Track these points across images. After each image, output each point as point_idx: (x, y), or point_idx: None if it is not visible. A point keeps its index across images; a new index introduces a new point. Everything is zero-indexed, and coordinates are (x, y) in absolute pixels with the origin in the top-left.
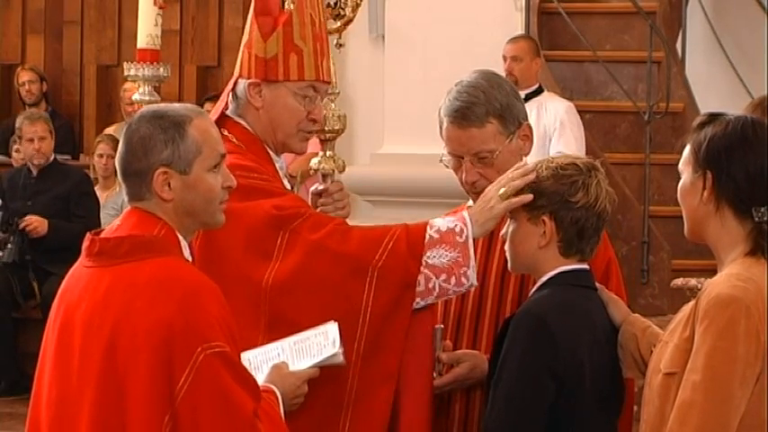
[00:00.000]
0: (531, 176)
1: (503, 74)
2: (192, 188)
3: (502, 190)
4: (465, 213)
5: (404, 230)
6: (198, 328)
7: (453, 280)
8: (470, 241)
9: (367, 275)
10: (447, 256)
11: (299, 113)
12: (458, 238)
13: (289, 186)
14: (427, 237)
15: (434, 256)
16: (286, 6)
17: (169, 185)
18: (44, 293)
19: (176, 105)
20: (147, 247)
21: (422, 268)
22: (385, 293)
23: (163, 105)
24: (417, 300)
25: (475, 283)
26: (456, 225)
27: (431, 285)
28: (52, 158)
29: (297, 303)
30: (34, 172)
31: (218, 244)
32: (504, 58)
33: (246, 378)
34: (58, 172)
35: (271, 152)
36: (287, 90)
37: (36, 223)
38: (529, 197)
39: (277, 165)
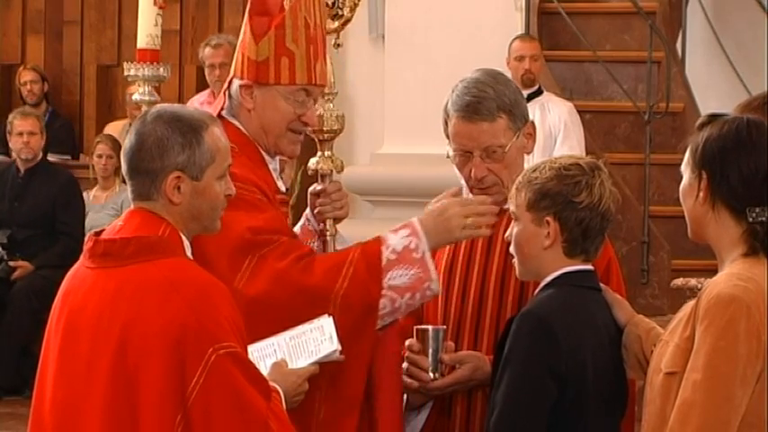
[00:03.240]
0: (493, 216)
1: (508, 73)
2: (201, 194)
3: (469, 220)
4: (417, 225)
5: (360, 254)
6: (210, 329)
7: (418, 296)
8: (427, 254)
9: (330, 304)
10: (407, 274)
11: (289, 116)
12: (414, 254)
13: (283, 188)
14: (384, 260)
15: (395, 277)
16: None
17: (179, 189)
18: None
19: (190, 109)
20: (154, 248)
21: (384, 291)
22: (348, 320)
23: (177, 107)
24: (386, 319)
25: (439, 291)
26: (411, 242)
27: (397, 305)
28: (40, 157)
29: (259, 331)
30: (22, 170)
31: (205, 254)
32: (521, 58)
33: (258, 377)
34: (45, 172)
35: (264, 154)
36: (278, 93)
37: (21, 270)
38: (487, 232)
39: (270, 166)
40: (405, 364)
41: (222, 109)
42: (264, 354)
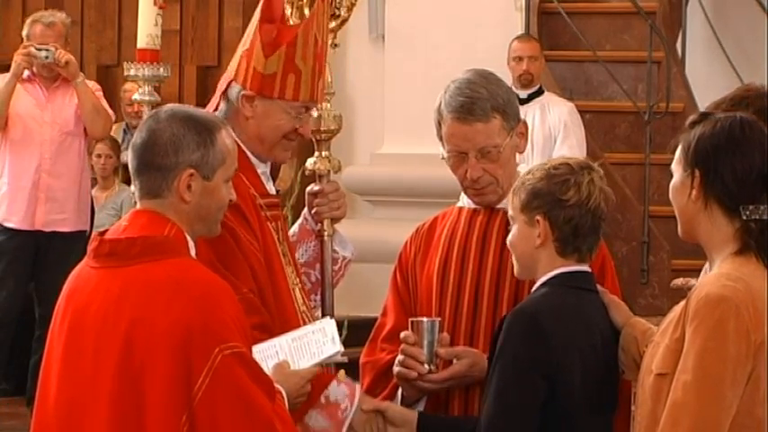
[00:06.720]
0: None
1: (507, 74)
2: (210, 195)
3: None
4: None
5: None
6: (215, 329)
7: None
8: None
9: None
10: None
11: (287, 128)
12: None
13: (273, 190)
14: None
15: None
16: (292, 21)
17: (190, 188)
18: None
19: (201, 110)
20: (160, 248)
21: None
22: None
23: (188, 107)
24: None
25: None
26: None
27: None
28: None
29: None
30: None
31: None
32: (519, 58)
33: (263, 378)
34: None
35: (253, 158)
36: (279, 106)
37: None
38: None
39: (259, 170)
40: (400, 357)
41: (216, 110)
42: (267, 355)
